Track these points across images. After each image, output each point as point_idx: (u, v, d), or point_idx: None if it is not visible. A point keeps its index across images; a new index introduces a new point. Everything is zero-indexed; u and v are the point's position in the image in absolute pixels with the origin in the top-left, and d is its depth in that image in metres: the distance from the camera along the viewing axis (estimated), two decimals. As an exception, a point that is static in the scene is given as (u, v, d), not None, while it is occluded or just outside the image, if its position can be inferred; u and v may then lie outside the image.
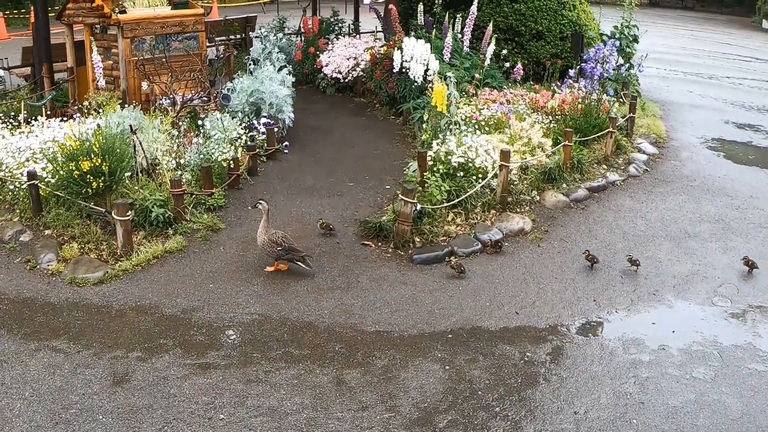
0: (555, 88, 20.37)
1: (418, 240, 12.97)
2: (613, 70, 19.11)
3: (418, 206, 12.76)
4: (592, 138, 17.23)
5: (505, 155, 14.01)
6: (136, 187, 13.32)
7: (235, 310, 11.01)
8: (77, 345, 10.11)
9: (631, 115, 19.13)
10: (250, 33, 26.21)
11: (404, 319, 11.05)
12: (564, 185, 15.57)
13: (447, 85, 15.86)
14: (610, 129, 17.26)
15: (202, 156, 14.60)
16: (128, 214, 12.09)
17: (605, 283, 12.47)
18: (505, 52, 20.91)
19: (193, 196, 13.54)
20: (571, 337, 10.89)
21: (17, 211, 13.45)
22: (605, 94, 18.86)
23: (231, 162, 14.44)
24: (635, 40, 23.14)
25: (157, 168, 14.00)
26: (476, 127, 16.28)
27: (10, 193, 13.62)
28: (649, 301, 12.03)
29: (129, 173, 13.51)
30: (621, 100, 20.14)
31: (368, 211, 14.11)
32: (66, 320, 10.73)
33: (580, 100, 17.92)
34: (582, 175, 16.25)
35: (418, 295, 11.67)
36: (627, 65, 21.77)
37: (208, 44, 18.34)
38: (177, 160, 14.36)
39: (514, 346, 10.56)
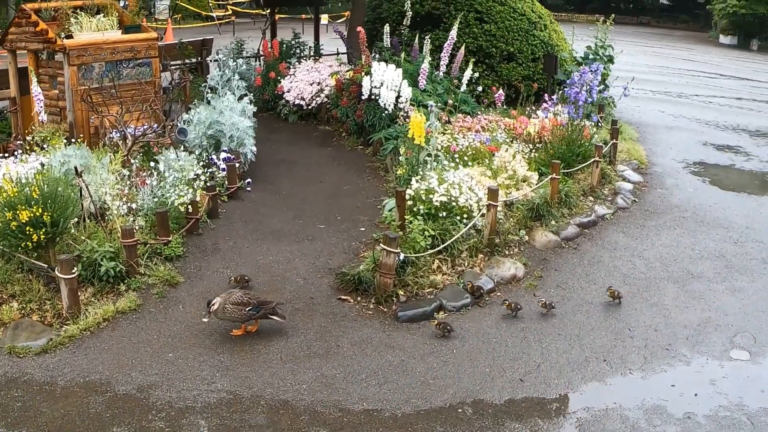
0: (531, 112, 18.69)
1: (402, 293, 11.37)
2: (597, 94, 17.41)
3: (402, 255, 11.07)
4: (577, 168, 15.96)
5: (493, 193, 12.45)
6: (83, 237, 11.52)
7: (200, 387, 9.41)
8: (13, 438, 8.26)
9: (614, 141, 17.77)
10: (207, 57, 24.20)
11: (395, 393, 9.50)
12: (553, 222, 14.07)
13: (426, 114, 14.15)
14: (596, 158, 15.68)
15: (156, 199, 12.77)
16: (74, 270, 10.43)
17: (613, 337, 11.05)
18: (476, 75, 19.11)
19: (148, 245, 11.67)
20: (587, 408, 9.46)
21: (-53, 265, 11.56)
22: (586, 120, 17.20)
23: (189, 206, 12.58)
24: (610, 60, 21.89)
25: (107, 213, 12.14)
26: (456, 159, 14.59)
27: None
28: (664, 358, 10.61)
29: (75, 219, 11.86)
30: (599, 124, 18.51)
31: (343, 258, 12.42)
32: (3, 402, 9.05)
33: (563, 126, 16.25)
34: (570, 209, 14.80)
35: (408, 361, 10.13)
36: (602, 87, 20.19)
37: (162, 70, 16.33)
38: (129, 204, 12.52)
39: (524, 424, 9.09)
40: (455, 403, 9.40)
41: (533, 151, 16.30)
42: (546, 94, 19.42)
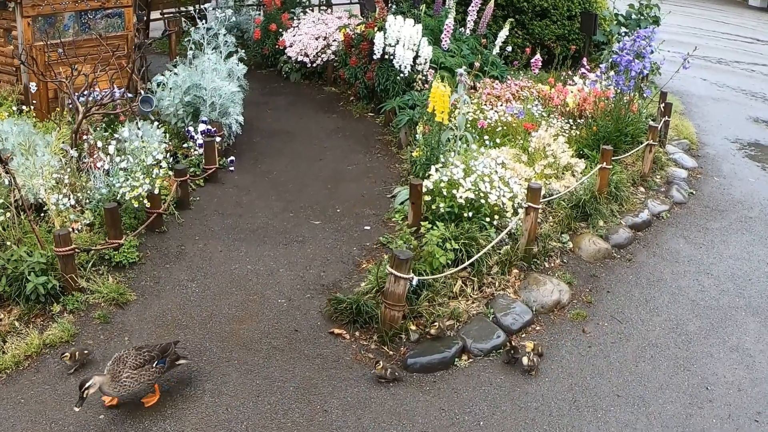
0: (566, 78, 15.25)
1: (414, 328, 8.12)
2: (651, 63, 13.96)
3: (415, 280, 7.79)
4: (627, 154, 12.90)
5: (534, 194, 9.24)
6: (9, 242, 8.52)
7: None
8: None
9: (666, 118, 14.23)
10: (205, 4, 20.52)
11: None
12: (601, 222, 10.85)
13: (450, 83, 10.79)
14: (650, 141, 12.28)
15: (109, 188, 9.45)
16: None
17: (688, 401, 8.11)
18: (505, 32, 15.44)
19: (92, 252, 8.41)
20: None
21: None
22: (638, 93, 13.79)
23: (146, 200, 9.30)
24: (656, 21, 18.30)
25: (45, 209, 8.89)
26: (485, 139, 11.27)
27: None
28: (756, 436, 7.35)
29: (4, 216, 9.00)
30: (645, 96, 15.05)
31: (340, 271, 9.27)
32: None
33: (609, 99, 12.82)
34: (621, 205, 11.42)
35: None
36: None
37: (140, 21, 12.82)
38: (72, 196, 9.23)
39: None
40: None
41: (573, 127, 12.84)
42: (585, 58, 15.90)
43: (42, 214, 9.37)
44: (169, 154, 10.91)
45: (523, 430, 7.32)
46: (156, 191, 9.71)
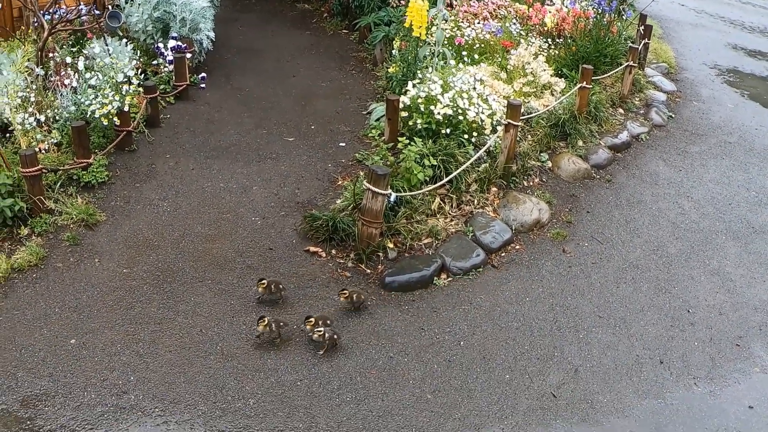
0: None
1: (392, 246, 7.84)
2: None
3: (393, 197, 7.49)
4: (607, 75, 12.54)
5: (514, 111, 8.95)
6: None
7: (107, 400, 6.20)
8: None
9: (646, 41, 13.90)
10: None
11: (378, 420, 6.37)
12: (580, 142, 10.59)
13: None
14: (629, 62, 11.98)
15: (76, 107, 9.01)
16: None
17: (670, 324, 7.99)
18: None
19: (59, 172, 8.03)
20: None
21: None
22: (618, 14, 13.44)
23: (115, 117, 8.88)
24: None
25: (10, 129, 8.47)
26: (463, 56, 10.89)
27: None
28: (735, 360, 7.61)
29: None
30: (625, 17, 14.69)
31: (315, 188, 8.96)
32: None
33: (588, 20, 12.47)
34: (600, 125, 11.19)
35: (398, 361, 7.00)
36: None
37: None
38: (39, 115, 8.79)
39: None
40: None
41: (552, 47, 12.48)
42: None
43: (7, 135, 8.91)
44: (139, 71, 10.43)
45: (504, 350, 7.11)
46: (126, 108, 9.28)
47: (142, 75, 10.54)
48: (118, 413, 5.99)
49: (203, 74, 11.39)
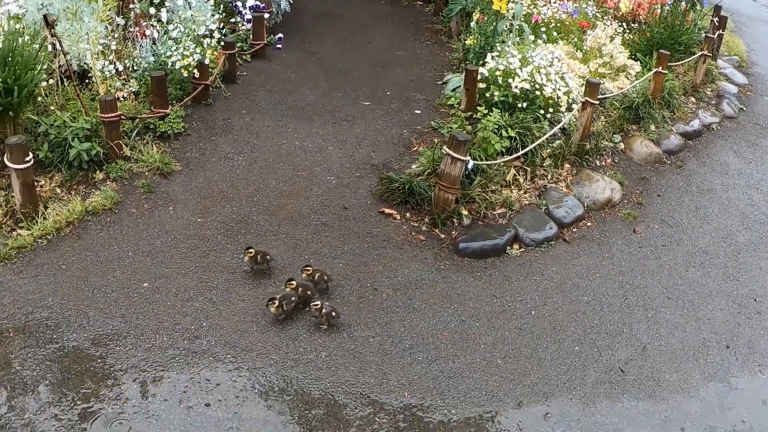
0: None
1: (466, 213, 7.79)
2: None
3: (471, 164, 7.45)
4: (682, 62, 12.40)
5: (592, 88, 8.90)
6: (53, 107, 8.22)
7: (179, 344, 6.22)
8: None
9: (720, 32, 13.63)
10: None
11: (449, 381, 6.35)
12: (653, 127, 10.48)
13: None
14: (704, 51, 11.82)
15: (155, 58, 9.06)
16: (28, 159, 7.11)
17: (736, 310, 7.87)
18: None
19: (136, 120, 8.09)
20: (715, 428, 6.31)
21: None
22: (692, 4, 13.26)
23: (195, 69, 8.90)
24: None
25: (89, 76, 8.52)
26: (542, 33, 10.83)
27: None
28: (802, 350, 7.16)
29: (47, 82, 8.36)
30: (697, 8, 14.49)
31: (390, 152, 8.92)
32: None
33: (665, 6, 12.31)
34: (672, 112, 10.98)
35: (470, 325, 6.97)
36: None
37: None
38: (119, 64, 8.85)
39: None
40: (528, 400, 6.21)
41: (626, 31, 12.36)
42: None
43: (86, 82, 8.97)
44: (222, 25, 10.46)
45: (574, 322, 7.07)
46: (206, 62, 9.31)
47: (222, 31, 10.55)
48: (190, 357, 6.02)
49: (280, 35, 11.42)
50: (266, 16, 11.17)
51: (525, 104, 9.26)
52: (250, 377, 5.92)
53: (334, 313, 6.55)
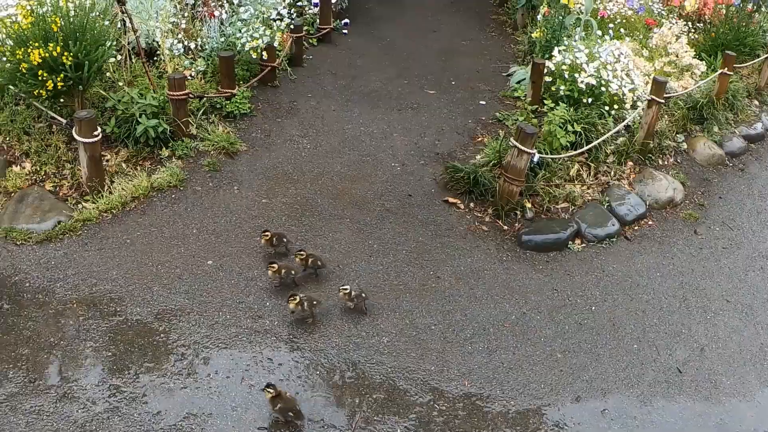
0: None
1: (530, 206, 7.78)
2: None
3: (536, 157, 7.48)
4: (747, 65, 12.15)
5: (659, 87, 8.87)
6: (121, 83, 8.27)
7: (242, 322, 6.31)
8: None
9: None
10: None
11: (508, 373, 6.38)
12: (716, 128, 10.38)
13: None
14: None
15: (224, 38, 9.13)
16: (96, 133, 7.21)
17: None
18: None
19: (203, 99, 8.16)
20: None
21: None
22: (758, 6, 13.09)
23: (264, 51, 8.96)
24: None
25: (157, 54, 8.62)
26: (609, 29, 10.77)
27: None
28: None
29: (115, 59, 8.51)
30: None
31: (454, 141, 8.95)
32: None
33: (731, 7, 12.17)
34: (735, 114, 10.81)
35: (531, 317, 6.99)
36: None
37: None
38: (187, 42, 8.91)
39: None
40: (587, 396, 6.27)
41: (691, 30, 12.23)
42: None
43: (153, 59, 9.07)
44: (291, 8, 10.54)
45: (633, 320, 7.07)
46: (275, 44, 9.37)
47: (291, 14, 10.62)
48: (253, 336, 6.11)
49: (346, 20, 11.48)
50: (333, 0, 11.19)
51: (590, 100, 9.21)
52: (312, 358, 5.99)
53: (363, 295, 6.59)
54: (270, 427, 5.40)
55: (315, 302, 6.31)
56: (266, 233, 6.97)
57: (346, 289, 6.50)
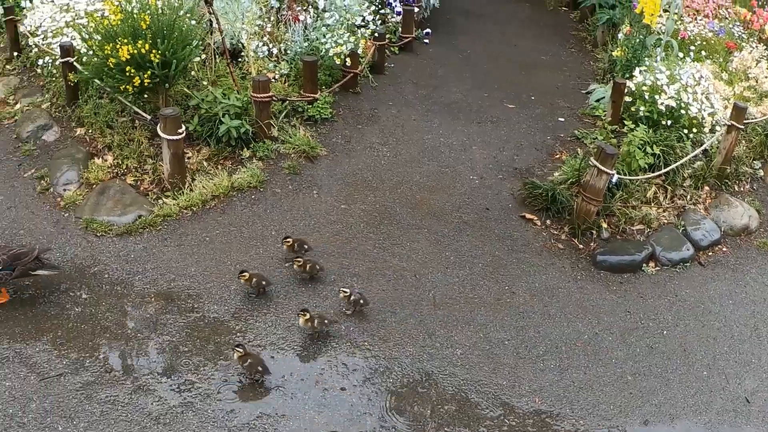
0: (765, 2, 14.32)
1: (606, 226, 7.80)
2: None
3: (615, 177, 7.53)
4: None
5: (739, 112, 8.86)
6: (205, 82, 8.46)
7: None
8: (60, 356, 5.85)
9: None
10: None
11: (578, 392, 6.43)
12: (794, 156, 10.07)
13: None
14: None
15: (308, 43, 9.30)
16: (180, 130, 7.44)
17: None
18: None
19: (286, 102, 8.33)
20: None
21: (48, 94, 8.93)
22: None
23: (347, 57, 9.12)
24: None
25: (242, 55, 8.80)
26: (690, 51, 10.73)
27: (45, 67, 9.06)
28: None
29: (200, 57, 8.72)
30: None
31: (533, 157, 9.06)
32: (57, 308, 6.39)
33: None
34: None
35: (603, 338, 7.05)
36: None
37: None
38: (271, 45, 9.10)
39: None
40: (659, 420, 6.27)
41: (770, 54, 12.20)
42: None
43: (238, 60, 9.26)
44: (377, 16, 10.68)
45: (704, 347, 7.08)
46: (359, 51, 9.52)
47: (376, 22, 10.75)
48: (329, 340, 6.37)
49: (428, 30, 11.60)
50: (415, 10, 11.32)
51: (669, 122, 9.20)
52: (386, 366, 6.10)
53: (362, 301, 6.64)
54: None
55: (326, 321, 6.36)
56: (287, 239, 7.07)
57: (346, 291, 6.60)
